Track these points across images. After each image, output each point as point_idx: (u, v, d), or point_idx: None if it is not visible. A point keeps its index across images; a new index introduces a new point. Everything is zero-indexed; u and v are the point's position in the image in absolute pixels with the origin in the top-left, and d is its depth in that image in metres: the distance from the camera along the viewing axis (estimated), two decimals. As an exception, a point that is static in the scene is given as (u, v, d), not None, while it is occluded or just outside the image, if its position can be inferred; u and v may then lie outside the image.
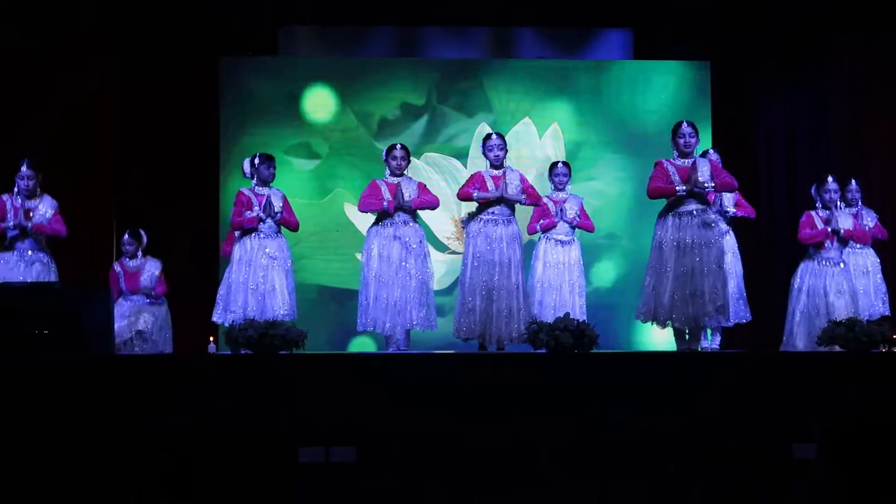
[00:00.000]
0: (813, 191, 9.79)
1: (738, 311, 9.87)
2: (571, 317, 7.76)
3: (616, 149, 12.78)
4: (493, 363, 7.54)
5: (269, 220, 9.38)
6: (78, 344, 7.24)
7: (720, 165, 9.16)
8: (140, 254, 10.39)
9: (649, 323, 8.83)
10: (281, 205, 9.48)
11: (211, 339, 10.28)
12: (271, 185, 9.59)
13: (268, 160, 9.57)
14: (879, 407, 7.15)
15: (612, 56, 13.20)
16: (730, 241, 9.89)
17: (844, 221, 9.62)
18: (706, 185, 8.61)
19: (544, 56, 13.05)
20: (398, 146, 9.63)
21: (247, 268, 9.26)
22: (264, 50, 12.86)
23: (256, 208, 9.38)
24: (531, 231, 10.11)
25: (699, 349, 8.69)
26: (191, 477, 6.89)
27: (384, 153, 9.66)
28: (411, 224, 9.41)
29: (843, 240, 9.62)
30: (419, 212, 9.55)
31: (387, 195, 9.37)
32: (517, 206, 9.42)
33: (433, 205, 9.60)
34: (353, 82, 12.77)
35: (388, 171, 9.53)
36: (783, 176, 13.01)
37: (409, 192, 9.43)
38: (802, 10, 12.51)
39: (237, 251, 9.38)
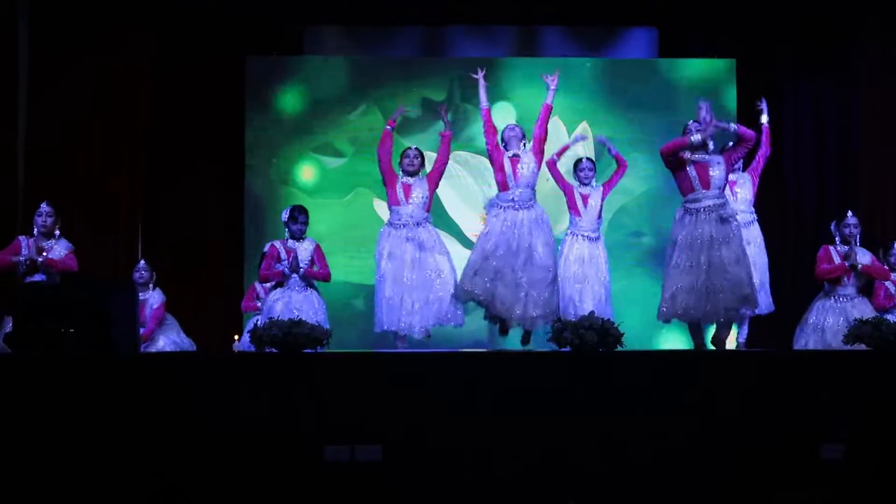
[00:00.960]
0: (833, 226, 9.71)
1: (762, 302, 9.82)
2: (597, 313, 7.75)
3: (641, 147, 12.70)
4: (518, 361, 7.54)
5: (294, 276, 9.50)
6: (105, 341, 7.26)
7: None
8: (152, 285, 10.39)
9: (672, 322, 8.82)
10: (310, 257, 9.63)
11: (235, 337, 10.31)
12: (306, 236, 9.74)
13: (292, 217, 9.68)
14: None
15: (637, 54, 13.17)
16: (754, 233, 9.85)
17: (863, 257, 9.54)
18: (723, 124, 8.77)
19: (569, 55, 13.03)
20: (412, 147, 9.72)
21: None
22: (290, 50, 12.89)
23: (284, 262, 9.54)
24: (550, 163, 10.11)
25: (725, 342, 8.69)
26: (215, 475, 6.92)
27: (401, 155, 9.67)
28: (424, 226, 9.42)
29: (861, 275, 9.54)
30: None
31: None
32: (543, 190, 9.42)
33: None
34: (377, 81, 12.77)
35: (401, 171, 9.56)
36: (811, 172, 12.96)
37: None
38: (827, 6, 12.47)
39: (264, 307, 9.54)
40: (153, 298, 10.24)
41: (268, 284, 9.81)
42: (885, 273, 9.78)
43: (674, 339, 11.92)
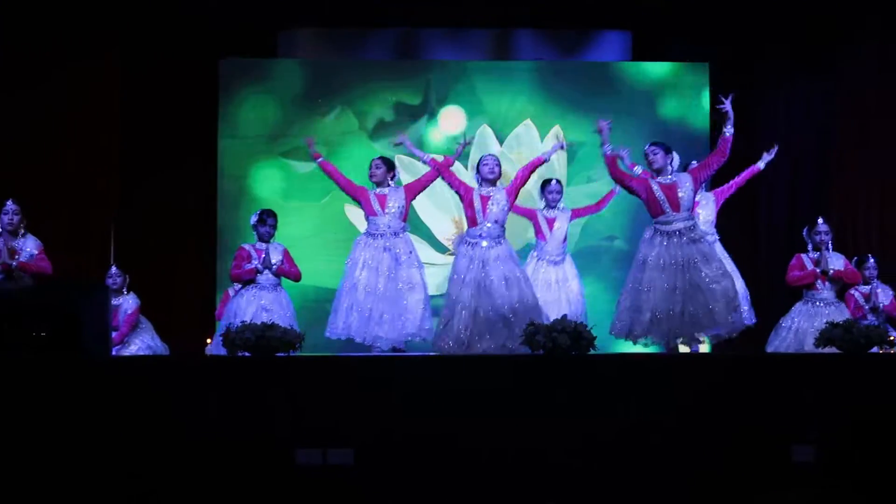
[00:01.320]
0: (804, 234, 9.74)
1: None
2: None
3: (615, 151, 12.75)
4: (490, 365, 7.54)
5: (266, 272, 9.55)
6: (76, 344, 7.23)
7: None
8: (125, 290, 10.35)
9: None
10: (281, 258, 9.68)
11: (208, 340, 10.29)
12: (273, 240, 9.81)
13: (261, 220, 9.76)
14: (877, 407, 7.16)
15: (611, 58, 13.19)
16: (718, 251, 9.81)
17: (835, 262, 9.58)
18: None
19: (542, 58, 13.05)
20: (376, 159, 9.70)
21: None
22: (264, 52, 12.86)
23: (255, 261, 9.59)
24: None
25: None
26: (187, 478, 6.89)
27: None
28: (401, 236, 9.40)
29: (834, 280, 9.57)
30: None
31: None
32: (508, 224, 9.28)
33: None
34: (351, 84, 12.75)
35: (373, 184, 9.58)
36: (785, 177, 13.00)
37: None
38: (801, 11, 12.53)
39: (231, 304, 9.49)
40: (127, 303, 10.20)
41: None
42: (856, 277, 9.82)
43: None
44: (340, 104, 12.71)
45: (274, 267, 9.58)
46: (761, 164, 10.16)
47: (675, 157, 9.35)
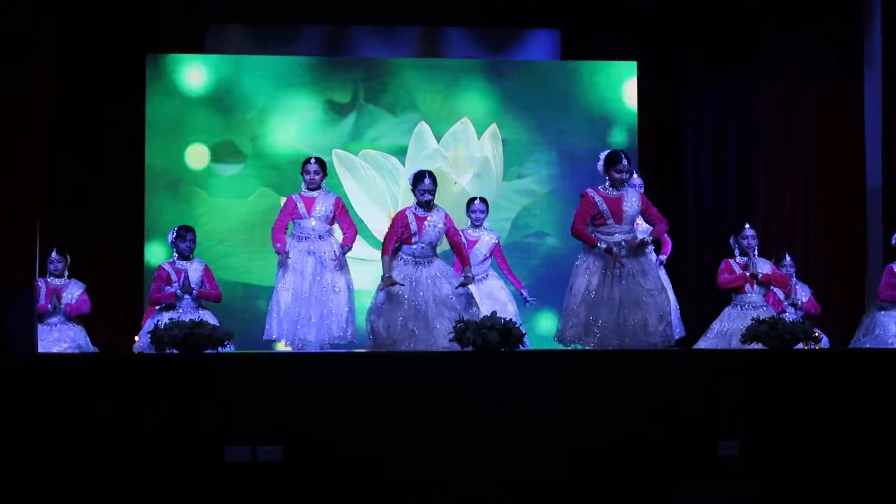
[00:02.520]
0: (731, 240, 9.83)
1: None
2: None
3: (544, 148, 12.84)
4: (419, 361, 7.55)
5: (186, 297, 9.60)
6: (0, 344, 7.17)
7: (644, 195, 9.15)
8: (66, 273, 10.29)
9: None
10: (201, 277, 9.73)
11: (136, 337, 10.20)
12: (192, 256, 9.85)
13: (180, 236, 9.79)
14: (801, 403, 7.25)
15: (539, 56, 13.25)
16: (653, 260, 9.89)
17: (762, 266, 9.69)
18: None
19: (472, 55, 13.08)
20: (312, 160, 9.55)
21: None
22: (191, 47, 12.76)
23: (175, 284, 9.60)
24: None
25: None
26: (115, 476, 6.85)
27: (301, 166, 9.59)
28: (327, 239, 9.37)
29: (764, 284, 9.69)
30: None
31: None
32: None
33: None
34: (279, 80, 12.71)
35: (303, 185, 9.48)
36: (711, 177, 13.12)
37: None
38: (729, 7, 12.64)
39: (151, 324, 9.37)
40: (74, 286, 10.20)
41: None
42: (785, 280, 9.96)
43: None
44: (268, 101, 12.65)
45: (194, 292, 9.64)
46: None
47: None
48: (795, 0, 11.93)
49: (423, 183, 8.89)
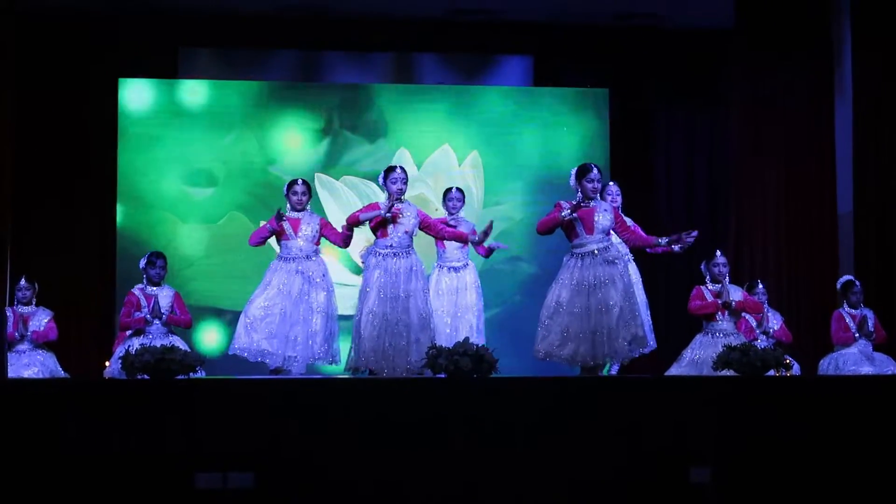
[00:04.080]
0: (703, 266, 9.83)
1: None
2: (469, 340, 7.75)
3: (521, 174, 12.88)
4: (392, 388, 7.53)
5: (156, 322, 9.60)
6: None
7: (619, 207, 9.21)
8: (34, 301, 10.26)
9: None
10: (171, 303, 9.74)
11: (106, 363, 10.15)
12: (163, 282, 9.86)
13: (150, 263, 9.81)
14: (772, 430, 7.27)
15: (512, 82, 13.30)
16: (631, 271, 9.90)
17: (734, 293, 9.69)
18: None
19: (445, 82, 13.13)
20: (299, 181, 9.56)
21: None
22: (164, 72, 12.75)
23: (145, 309, 9.62)
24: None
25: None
26: (87, 502, 6.80)
27: (285, 188, 9.57)
28: (314, 258, 9.37)
29: (735, 312, 9.70)
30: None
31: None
32: (416, 237, 9.21)
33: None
34: (253, 105, 12.71)
35: (288, 206, 9.46)
36: (682, 203, 13.19)
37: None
38: (699, 38, 12.75)
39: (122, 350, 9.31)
40: (42, 314, 10.15)
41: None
42: (758, 307, 9.98)
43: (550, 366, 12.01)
44: (240, 125, 12.65)
45: (164, 317, 9.64)
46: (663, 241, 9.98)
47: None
48: (766, 29, 12.03)
49: (395, 172, 9.06)
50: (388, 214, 8.93)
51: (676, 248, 9.12)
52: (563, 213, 8.58)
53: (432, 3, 12.50)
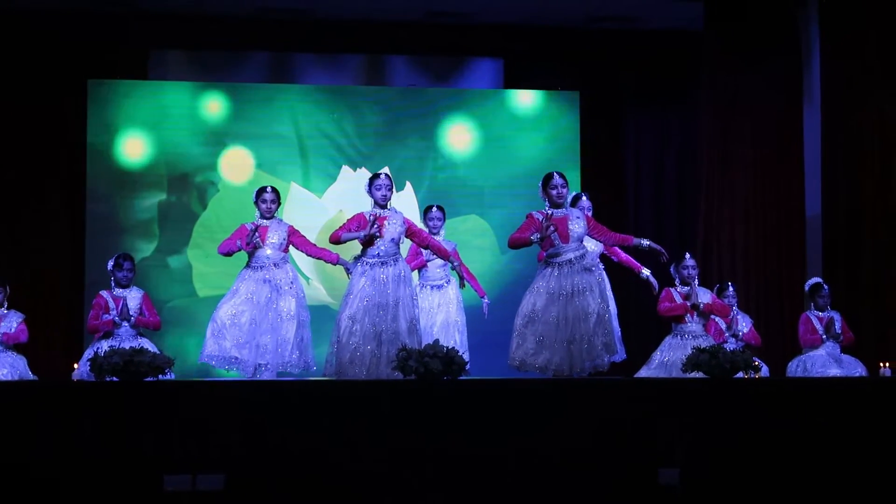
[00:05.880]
0: (672, 269, 9.82)
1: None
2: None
3: (500, 181, 12.88)
4: (363, 389, 7.53)
5: (125, 324, 9.55)
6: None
7: (591, 215, 9.24)
8: (6, 304, 10.20)
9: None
10: (139, 305, 9.67)
11: (75, 365, 10.11)
12: (131, 284, 9.77)
13: (117, 265, 9.73)
14: (741, 432, 7.30)
15: (483, 85, 13.32)
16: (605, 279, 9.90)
17: (703, 296, 9.72)
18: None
19: (415, 84, 13.13)
20: (269, 188, 9.48)
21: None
22: (134, 74, 12.70)
23: (113, 312, 9.55)
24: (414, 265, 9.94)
25: None
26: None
27: (254, 195, 9.49)
28: (282, 266, 9.34)
29: (704, 314, 9.73)
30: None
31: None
32: (402, 244, 9.14)
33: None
34: (224, 106, 12.68)
35: (258, 213, 9.40)
36: (651, 206, 13.23)
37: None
38: (669, 40, 12.79)
39: (90, 352, 9.27)
40: (13, 316, 10.08)
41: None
42: (726, 310, 10.00)
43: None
44: (210, 127, 12.63)
45: (132, 319, 9.59)
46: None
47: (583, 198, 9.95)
48: (736, 33, 12.08)
49: (380, 179, 8.98)
50: (373, 231, 8.81)
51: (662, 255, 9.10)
52: (532, 237, 8.58)
53: (405, 6, 12.51)
